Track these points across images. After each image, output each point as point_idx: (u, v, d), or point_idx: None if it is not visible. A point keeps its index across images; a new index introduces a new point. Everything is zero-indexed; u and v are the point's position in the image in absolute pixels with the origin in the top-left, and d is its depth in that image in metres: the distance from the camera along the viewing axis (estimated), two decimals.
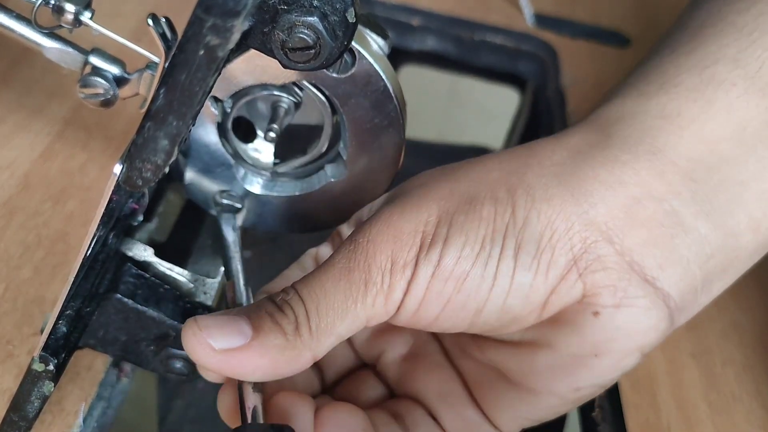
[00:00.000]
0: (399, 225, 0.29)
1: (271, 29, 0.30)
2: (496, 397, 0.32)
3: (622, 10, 0.68)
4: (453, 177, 0.31)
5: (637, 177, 0.30)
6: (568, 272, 0.29)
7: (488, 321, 0.30)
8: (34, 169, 0.44)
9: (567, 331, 0.30)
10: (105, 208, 0.28)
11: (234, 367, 0.28)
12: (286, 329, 0.28)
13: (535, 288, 0.29)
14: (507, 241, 0.29)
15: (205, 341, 0.27)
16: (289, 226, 0.39)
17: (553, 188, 0.30)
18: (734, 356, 0.43)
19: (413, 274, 0.29)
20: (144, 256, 0.34)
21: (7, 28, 0.33)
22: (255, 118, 0.37)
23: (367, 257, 0.29)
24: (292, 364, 0.28)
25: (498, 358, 0.32)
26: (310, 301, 0.29)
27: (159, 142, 0.24)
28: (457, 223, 0.29)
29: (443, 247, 0.29)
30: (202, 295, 0.35)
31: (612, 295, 0.29)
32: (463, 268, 0.29)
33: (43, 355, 0.30)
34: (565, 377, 0.30)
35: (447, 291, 0.29)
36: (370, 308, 0.29)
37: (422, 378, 0.33)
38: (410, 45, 0.64)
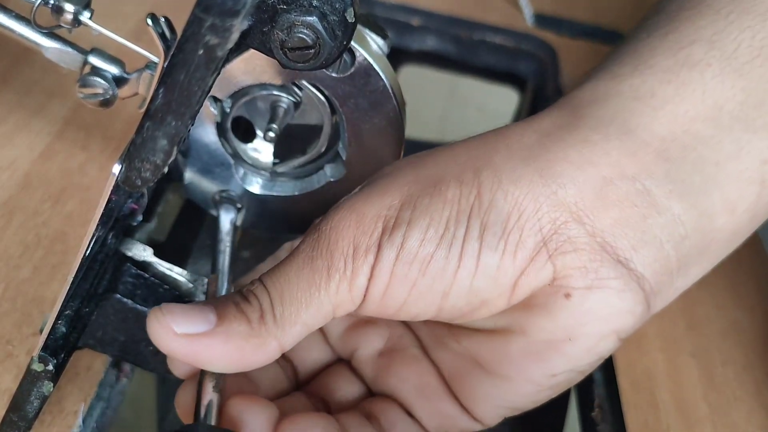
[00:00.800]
0: (362, 210, 0.29)
1: (270, 29, 0.30)
2: (473, 388, 0.31)
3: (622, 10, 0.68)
4: (420, 163, 0.31)
5: (608, 157, 0.29)
6: (537, 254, 0.28)
7: (456, 305, 0.29)
8: (34, 169, 0.44)
9: (539, 315, 0.29)
10: (104, 208, 0.28)
11: (197, 353, 0.27)
12: (250, 317, 0.28)
13: (503, 269, 0.28)
14: (472, 221, 0.28)
15: (168, 325, 0.27)
16: (288, 226, 0.39)
17: (521, 169, 0.29)
18: (734, 356, 0.43)
19: (376, 258, 0.28)
20: (143, 256, 0.34)
21: (7, 28, 0.33)
22: (254, 117, 0.37)
23: (329, 244, 0.29)
24: (257, 353, 0.28)
25: (473, 347, 0.31)
26: (273, 290, 0.28)
27: (158, 141, 0.24)
28: (421, 205, 0.29)
29: (407, 229, 0.28)
30: (201, 295, 0.35)
31: (583, 277, 0.28)
32: (428, 250, 0.28)
33: (43, 355, 0.30)
34: (540, 363, 0.30)
35: (412, 274, 0.28)
36: (335, 295, 0.28)
37: (398, 373, 0.33)
38: (410, 45, 0.64)
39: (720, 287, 0.47)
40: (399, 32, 0.63)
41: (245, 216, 0.38)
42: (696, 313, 0.45)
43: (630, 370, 0.41)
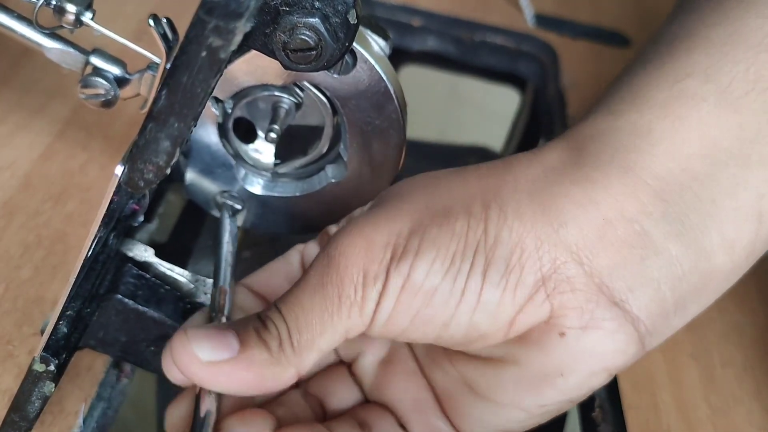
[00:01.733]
0: (371, 236, 0.29)
1: (272, 30, 0.30)
2: (464, 409, 0.32)
3: (622, 11, 0.68)
4: (430, 189, 0.31)
5: (609, 197, 0.30)
6: (536, 292, 0.29)
7: (455, 336, 0.30)
8: (35, 169, 0.44)
9: (533, 350, 0.30)
10: (106, 209, 0.28)
11: (219, 380, 0.28)
12: (270, 345, 0.28)
13: (503, 306, 0.29)
14: (477, 257, 0.29)
15: (193, 353, 0.28)
16: (289, 227, 0.39)
17: (526, 205, 0.29)
18: (734, 357, 0.43)
19: (384, 286, 0.29)
20: (144, 256, 0.34)
21: (8, 28, 0.33)
22: (256, 118, 0.37)
23: (339, 271, 0.29)
24: (276, 380, 0.29)
25: (467, 372, 0.32)
26: (290, 318, 0.29)
27: (160, 143, 0.24)
28: (429, 236, 0.29)
29: (414, 260, 0.29)
30: (202, 296, 0.35)
31: (579, 317, 0.29)
32: (432, 283, 0.29)
33: (44, 356, 0.30)
34: (531, 394, 0.30)
35: (415, 304, 0.29)
36: (347, 320, 0.29)
37: (395, 386, 0.33)
38: (411, 45, 0.64)
39: None
40: (400, 33, 0.63)
41: (246, 216, 0.38)
42: None
43: (630, 371, 0.41)
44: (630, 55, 0.64)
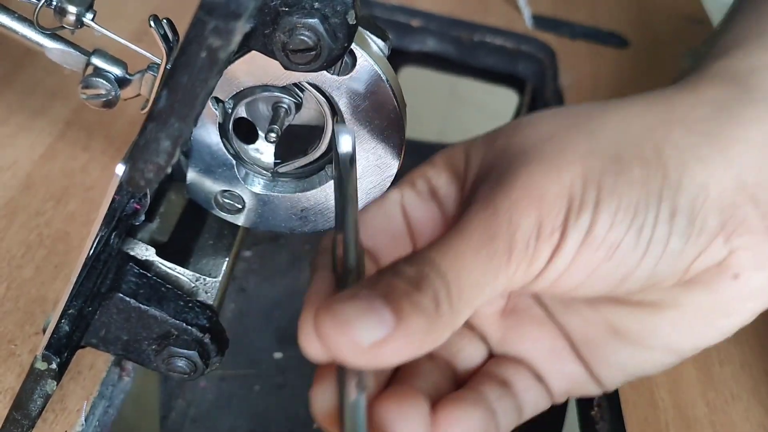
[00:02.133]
0: (543, 187, 0.27)
1: (272, 31, 0.30)
2: (607, 355, 0.31)
3: (620, 12, 0.68)
4: (587, 130, 0.29)
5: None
6: (716, 237, 0.28)
7: (630, 288, 0.28)
8: (36, 169, 0.44)
9: (700, 293, 0.29)
10: (107, 209, 0.28)
11: (376, 359, 0.24)
12: (427, 309, 0.25)
13: (685, 254, 0.28)
14: (662, 205, 0.27)
15: (352, 339, 0.23)
16: (289, 226, 0.39)
17: (704, 148, 0.28)
18: (732, 355, 0.43)
19: (560, 241, 0.27)
20: (146, 255, 0.35)
21: (9, 29, 0.33)
22: (256, 118, 0.37)
23: (510, 223, 0.26)
24: (431, 345, 0.25)
25: (614, 317, 0.30)
26: (450, 275, 0.25)
27: (161, 143, 0.25)
28: (606, 185, 0.27)
29: (594, 212, 0.26)
30: (203, 295, 0.36)
31: (754, 259, 0.28)
32: (617, 236, 0.27)
33: (46, 354, 0.30)
34: (689, 337, 0.29)
35: (596, 259, 0.27)
36: (511, 276, 0.27)
37: (526, 336, 0.32)
38: (410, 46, 0.64)
39: None
40: (399, 34, 0.63)
41: (247, 216, 0.39)
42: None
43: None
44: (628, 55, 0.64)
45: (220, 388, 0.53)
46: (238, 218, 0.38)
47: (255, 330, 0.57)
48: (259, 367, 0.55)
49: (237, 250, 0.40)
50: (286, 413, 0.53)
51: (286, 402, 0.53)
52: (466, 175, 0.31)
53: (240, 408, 0.52)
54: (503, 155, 0.29)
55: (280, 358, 0.56)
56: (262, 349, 0.56)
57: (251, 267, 0.61)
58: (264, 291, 0.60)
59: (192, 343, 0.33)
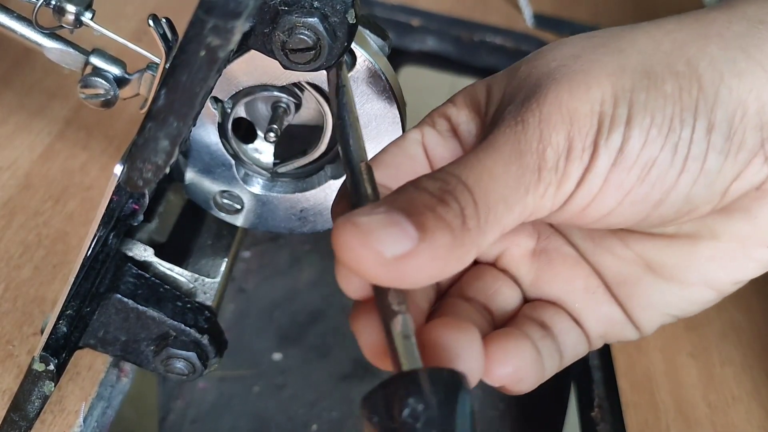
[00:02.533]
0: (572, 104, 0.25)
1: (271, 30, 0.30)
2: (642, 294, 0.29)
3: (621, 11, 0.68)
4: (616, 48, 0.27)
5: None
6: (755, 156, 0.26)
7: (665, 214, 0.26)
8: (35, 169, 0.44)
9: (739, 220, 0.27)
10: (106, 209, 0.28)
11: (401, 275, 0.23)
12: (452, 224, 0.23)
13: (723, 174, 0.26)
14: (698, 121, 0.25)
15: (375, 249, 0.22)
16: (288, 227, 0.39)
17: (742, 62, 0.26)
18: (733, 356, 0.43)
19: (591, 162, 0.25)
20: (144, 256, 0.35)
21: (8, 28, 0.33)
22: (255, 118, 0.37)
23: (541, 139, 0.25)
24: (458, 264, 0.24)
25: (647, 252, 0.29)
26: (478, 190, 0.24)
27: (160, 142, 0.24)
28: (638, 101, 0.25)
29: (626, 129, 0.25)
30: (202, 295, 0.36)
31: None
32: (651, 154, 0.25)
33: (44, 355, 0.30)
34: (728, 270, 0.28)
35: (629, 181, 0.25)
36: (540, 198, 0.25)
37: (559, 277, 0.30)
38: (410, 45, 0.64)
39: None
40: (399, 33, 0.63)
41: (246, 216, 0.39)
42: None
43: (629, 371, 0.42)
44: None
45: (220, 389, 0.53)
46: (237, 219, 0.38)
47: (254, 331, 0.57)
48: (258, 368, 0.55)
49: (236, 251, 0.40)
50: (286, 414, 0.52)
51: (286, 403, 0.53)
52: (488, 109, 0.29)
53: (239, 409, 0.52)
54: (528, 79, 0.27)
55: (280, 358, 0.56)
56: (261, 350, 0.56)
57: (250, 267, 0.61)
58: (263, 292, 0.60)
59: (190, 344, 0.33)
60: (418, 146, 0.30)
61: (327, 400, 0.53)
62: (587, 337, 0.30)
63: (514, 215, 0.25)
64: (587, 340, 0.30)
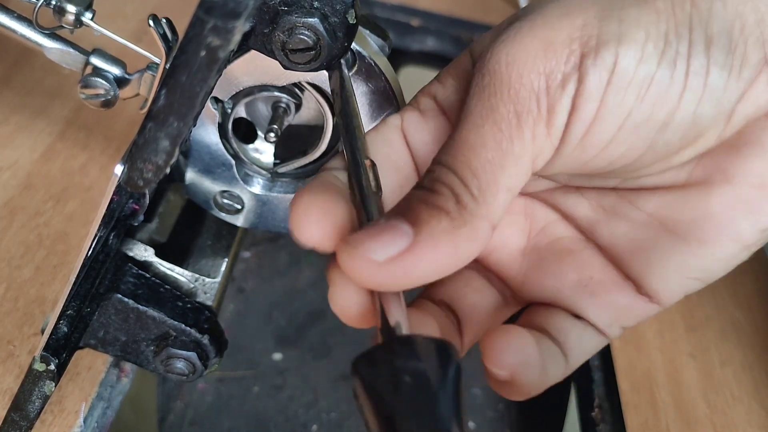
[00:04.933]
0: (545, 35, 0.24)
1: (271, 30, 0.30)
2: (658, 260, 0.28)
3: None
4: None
5: None
6: (760, 74, 0.24)
7: (671, 140, 0.25)
8: (36, 169, 0.44)
9: (749, 155, 0.26)
10: (106, 209, 0.28)
11: (408, 272, 0.22)
12: (447, 207, 0.23)
13: (729, 91, 0.24)
14: (695, 34, 0.24)
15: (365, 257, 0.22)
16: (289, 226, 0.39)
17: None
18: (733, 356, 0.43)
19: (580, 86, 0.24)
20: (144, 256, 0.35)
21: (9, 28, 0.33)
22: (255, 118, 0.37)
23: (511, 82, 0.24)
24: (471, 241, 0.23)
25: (660, 209, 0.27)
26: (459, 165, 0.24)
27: (160, 142, 0.25)
28: (628, 17, 0.24)
29: (618, 46, 0.23)
30: (202, 295, 0.36)
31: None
32: (648, 70, 0.23)
33: (44, 355, 0.30)
34: (748, 216, 0.26)
35: (627, 101, 0.24)
36: (531, 143, 0.24)
37: (554, 270, 0.29)
38: (410, 45, 0.64)
39: (719, 288, 0.47)
40: (399, 33, 0.63)
41: (246, 216, 0.39)
42: (695, 313, 0.45)
43: (630, 371, 0.42)
44: None
45: (219, 390, 0.53)
46: (238, 219, 0.38)
47: (254, 331, 0.57)
48: (258, 369, 0.55)
49: (236, 251, 0.40)
50: (285, 415, 0.52)
51: (286, 403, 0.53)
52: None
53: (239, 409, 0.52)
54: (508, 29, 0.26)
55: (280, 359, 0.56)
56: (261, 351, 0.56)
57: (250, 268, 0.61)
58: (263, 292, 0.60)
59: (191, 344, 0.33)
60: (396, 131, 0.29)
61: (326, 401, 0.53)
62: (598, 329, 0.29)
63: (511, 171, 0.24)
64: (598, 332, 0.29)
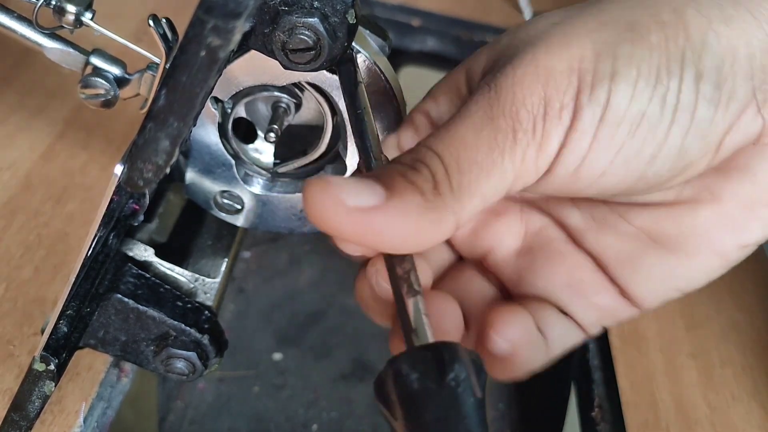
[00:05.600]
0: (548, 64, 0.25)
1: (271, 30, 0.30)
2: (645, 270, 0.29)
3: None
4: (597, 8, 0.27)
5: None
6: (747, 106, 0.25)
7: (660, 171, 0.26)
8: (35, 170, 0.44)
9: (738, 179, 0.27)
10: (106, 209, 0.28)
11: (371, 229, 0.23)
12: (422, 187, 0.24)
13: (715, 125, 0.25)
14: (686, 70, 0.25)
15: (336, 196, 0.23)
16: (288, 227, 0.39)
17: (730, 8, 0.25)
18: (733, 356, 0.43)
19: (574, 120, 0.25)
20: (144, 256, 0.35)
21: (9, 28, 0.33)
22: (255, 118, 0.37)
23: (514, 101, 0.25)
24: (434, 230, 0.24)
25: (649, 224, 0.29)
26: (448, 155, 0.24)
27: (160, 142, 0.25)
28: (622, 54, 0.25)
29: (611, 83, 0.24)
30: (202, 295, 0.36)
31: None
32: (639, 107, 0.24)
33: (44, 355, 0.30)
34: (732, 233, 0.27)
35: (619, 137, 0.25)
36: (519, 163, 0.25)
37: (545, 271, 0.30)
38: (410, 46, 0.64)
39: (719, 288, 0.47)
40: (399, 33, 0.63)
41: (246, 216, 0.39)
42: (695, 314, 0.45)
43: (630, 371, 0.42)
44: None
45: (219, 390, 0.53)
46: (238, 219, 0.38)
47: (254, 331, 0.57)
48: (258, 368, 0.55)
49: (236, 251, 0.40)
50: (285, 415, 0.52)
51: (286, 403, 0.53)
52: (470, 87, 0.29)
53: (239, 409, 0.52)
54: (506, 49, 0.27)
55: (280, 359, 0.56)
56: (261, 350, 0.56)
57: (250, 268, 0.61)
58: (263, 292, 0.60)
59: (191, 344, 0.33)
60: (394, 150, 0.30)
61: (326, 401, 0.53)
62: (580, 326, 0.30)
63: (493, 182, 0.25)
64: (580, 328, 0.30)
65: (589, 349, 0.44)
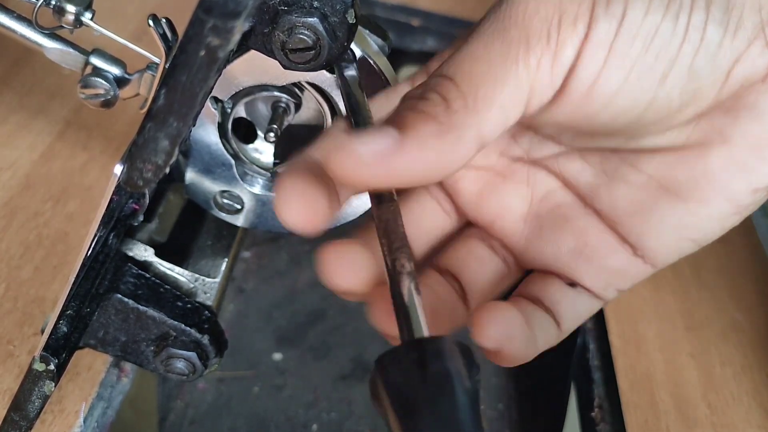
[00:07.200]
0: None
1: (271, 30, 0.30)
2: (657, 221, 0.29)
3: None
4: None
5: None
6: (756, 38, 0.26)
7: (671, 94, 0.26)
8: (35, 170, 0.44)
9: (746, 118, 0.27)
10: (106, 209, 0.28)
11: (393, 170, 0.23)
12: (434, 112, 0.24)
13: (723, 50, 0.26)
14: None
15: (352, 147, 0.23)
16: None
17: None
18: (733, 357, 0.43)
19: (589, 32, 0.25)
20: (144, 256, 0.35)
21: (8, 28, 0.33)
22: (255, 118, 0.37)
23: (527, 11, 0.25)
24: (456, 151, 0.24)
25: (660, 171, 0.29)
26: (458, 74, 0.24)
27: (159, 142, 0.25)
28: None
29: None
30: (202, 295, 0.36)
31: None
32: (653, 22, 0.25)
33: (44, 355, 0.30)
34: (743, 176, 0.28)
35: (634, 51, 0.25)
36: (535, 71, 0.25)
37: (554, 237, 0.31)
38: (410, 45, 0.64)
39: (719, 289, 0.47)
40: (399, 33, 0.63)
41: (246, 216, 0.39)
42: (695, 314, 0.45)
43: (630, 371, 0.42)
44: None
45: (219, 390, 0.53)
46: (237, 219, 0.38)
47: (254, 331, 0.57)
48: (257, 368, 0.55)
49: (236, 251, 0.40)
50: (285, 415, 0.52)
51: (286, 403, 0.53)
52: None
53: (239, 409, 0.52)
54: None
55: (280, 359, 0.56)
56: (261, 350, 0.56)
57: (250, 268, 0.61)
58: (263, 292, 0.60)
59: (191, 344, 0.33)
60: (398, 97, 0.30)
61: (326, 401, 0.53)
62: (593, 294, 0.30)
63: (508, 91, 0.24)
64: (593, 296, 0.30)
65: (589, 349, 0.44)
